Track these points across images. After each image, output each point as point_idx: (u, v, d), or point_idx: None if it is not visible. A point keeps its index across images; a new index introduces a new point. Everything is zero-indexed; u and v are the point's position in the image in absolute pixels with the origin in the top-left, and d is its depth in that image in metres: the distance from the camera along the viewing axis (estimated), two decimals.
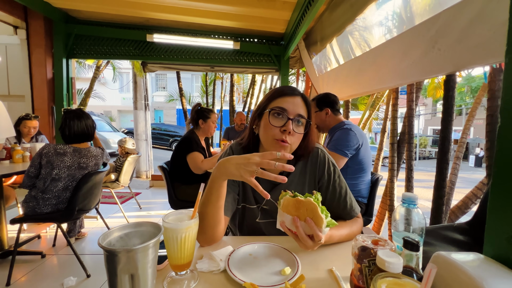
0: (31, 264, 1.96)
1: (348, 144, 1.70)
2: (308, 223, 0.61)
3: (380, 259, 0.44)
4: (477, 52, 1.06)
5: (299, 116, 0.79)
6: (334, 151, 1.70)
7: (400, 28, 1.62)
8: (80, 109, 1.94)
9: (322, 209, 0.62)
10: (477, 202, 1.87)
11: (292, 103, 0.80)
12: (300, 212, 0.63)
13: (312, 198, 0.63)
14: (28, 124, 2.56)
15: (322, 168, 0.89)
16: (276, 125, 0.78)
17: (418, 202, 0.55)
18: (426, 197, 5.56)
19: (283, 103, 0.79)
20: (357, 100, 7.26)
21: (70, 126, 1.82)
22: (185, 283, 0.58)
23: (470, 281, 0.39)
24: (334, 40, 2.57)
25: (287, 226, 0.65)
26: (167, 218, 0.59)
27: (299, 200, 0.63)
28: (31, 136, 2.64)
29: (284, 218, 0.66)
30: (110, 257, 0.44)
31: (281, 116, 0.78)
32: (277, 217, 0.69)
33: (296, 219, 0.62)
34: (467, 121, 2.24)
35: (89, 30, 3.26)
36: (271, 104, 0.82)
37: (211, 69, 4.01)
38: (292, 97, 0.81)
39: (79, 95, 6.11)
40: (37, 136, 2.74)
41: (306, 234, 0.63)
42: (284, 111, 0.78)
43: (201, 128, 2.29)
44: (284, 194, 0.68)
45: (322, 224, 0.61)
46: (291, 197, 0.65)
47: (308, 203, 0.62)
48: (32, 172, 1.77)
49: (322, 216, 0.61)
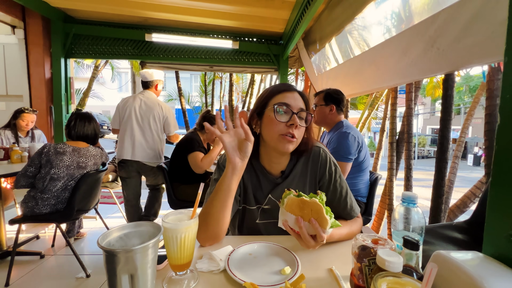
0: (30, 265, 1.96)
1: (349, 150, 1.71)
2: (313, 225, 0.61)
3: (380, 258, 0.44)
4: (476, 51, 1.06)
5: (302, 110, 0.80)
6: (339, 160, 1.70)
7: (399, 27, 1.62)
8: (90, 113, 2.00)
9: (326, 210, 0.62)
10: (476, 201, 1.87)
11: (293, 98, 0.80)
12: (304, 213, 0.62)
13: (317, 199, 0.62)
14: (27, 118, 2.54)
15: (323, 167, 0.89)
16: (282, 120, 0.78)
17: (417, 201, 0.55)
18: (425, 196, 5.57)
19: (284, 99, 0.80)
20: (356, 99, 7.27)
21: (78, 125, 1.88)
22: (185, 283, 0.57)
23: (470, 280, 0.39)
24: (333, 40, 2.57)
25: (290, 226, 0.65)
26: (167, 218, 0.59)
27: (304, 200, 0.62)
28: (27, 130, 2.61)
29: (287, 217, 0.65)
30: (109, 258, 0.44)
31: (285, 112, 0.79)
32: (279, 215, 0.68)
33: (300, 220, 0.62)
34: (465, 120, 2.25)
35: (87, 29, 3.25)
36: (271, 101, 0.82)
37: (210, 69, 4.00)
38: (291, 93, 0.82)
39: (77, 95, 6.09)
40: (33, 131, 2.71)
41: (308, 234, 0.63)
42: (288, 106, 0.79)
43: (207, 133, 2.34)
44: (288, 193, 0.67)
45: (326, 226, 0.60)
46: (296, 197, 0.64)
47: (313, 204, 0.61)
48: (31, 172, 1.76)
49: (327, 218, 0.60)
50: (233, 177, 0.72)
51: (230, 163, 0.71)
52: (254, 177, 0.90)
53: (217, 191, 0.73)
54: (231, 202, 0.74)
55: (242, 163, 0.72)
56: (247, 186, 0.89)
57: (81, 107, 5.74)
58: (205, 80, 6.95)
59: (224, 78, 7.49)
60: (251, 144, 0.72)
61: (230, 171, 0.71)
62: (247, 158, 0.73)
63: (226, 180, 0.72)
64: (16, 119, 2.52)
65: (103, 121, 13.75)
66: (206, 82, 6.96)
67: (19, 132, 2.58)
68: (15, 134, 2.55)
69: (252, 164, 0.90)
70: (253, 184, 0.90)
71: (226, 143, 0.70)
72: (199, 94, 8.28)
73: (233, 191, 0.73)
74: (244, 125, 0.70)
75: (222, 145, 0.71)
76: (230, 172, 0.71)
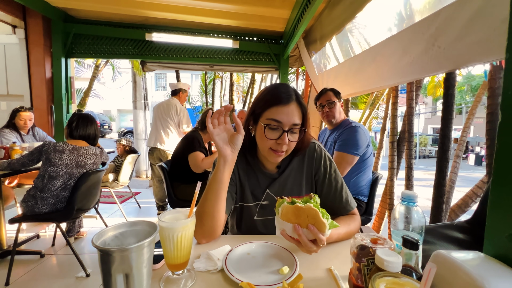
0: (30, 264, 1.96)
1: (359, 144, 1.70)
2: (311, 230, 0.60)
3: (379, 258, 0.43)
4: (477, 49, 1.05)
5: (294, 125, 0.80)
6: (347, 152, 1.69)
7: (399, 26, 1.61)
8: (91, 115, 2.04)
9: (322, 213, 0.60)
10: (477, 201, 1.86)
11: (287, 114, 0.79)
12: (301, 220, 0.61)
13: (312, 203, 0.61)
14: (23, 116, 2.56)
15: (318, 162, 0.90)
16: (271, 137, 0.79)
17: (417, 201, 0.54)
18: (426, 196, 5.55)
19: (277, 115, 0.78)
20: (357, 98, 7.24)
21: (80, 126, 1.91)
22: (182, 283, 0.57)
23: (471, 280, 0.38)
24: (333, 39, 2.56)
25: (289, 234, 0.64)
26: (164, 217, 0.58)
27: (299, 207, 0.60)
28: (27, 128, 2.64)
29: (284, 226, 0.64)
30: (104, 257, 0.44)
31: (276, 128, 0.79)
32: (275, 224, 0.67)
33: (298, 227, 0.61)
34: (467, 119, 2.24)
35: (87, 29, 3.25)
36: (266, 112, 0.81)
37: (210, 68, 4.00)
38: (287, 106, 0.79)
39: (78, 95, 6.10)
40: (33, 129, 2.73)
41: (308, 239, 0.62)
42: (279, 124, 0.78)
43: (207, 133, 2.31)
44: (281, 201, 0.65)
45: (325, 229, 0.59)
46: (289, 204, 0.63)
47: (308, 209, 0.60)
48: (27, 164, 1.84)
49: (324, 221, 0.59)
50: (225, 169, 0.74)
51: (221, 156, 0.74)
52: (250, 174, 0.91)
53: (210, 185, 0.75)
54: (224, 195, 0.76)
55: (232, 155, 0.75)
56: (244, 184, 0.90)
57: (81, 107, 5.75)
58: (206, 79, 6.95)
59: (225, 77, 7.48)
60: (242, 136, 0.75)
61: (222, 163, 0.74)
62: (237, 151, 0.76)
63: (219, 173, 0.74)
64: (14, 119, 2.55)
65: (104, 121, 13.79)
66: (206, 81, 6.95)
67: (21, 131, 2.61)
68: (18, 133, 2.58)
69: (248, 162, 0.91)
70: (250, 182, 0.90)
71: (216, 136, 0.72)
72: (199, 94, 8.27)
73: (225, 183, 0.75)
74: (237, 118, 0.74)
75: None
76: (222, 164, 0.74)
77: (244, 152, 0.90)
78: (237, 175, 0.90)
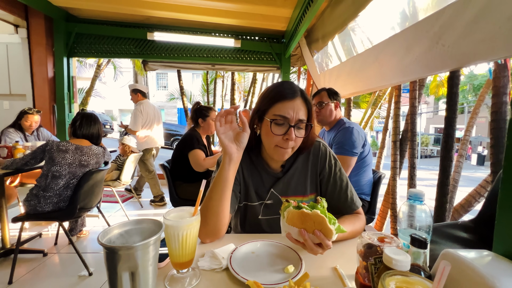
0: (33, 263, 1.96)
1: (355, 144, 1.69)
2: (318, 236, 0.58)
3: (387, 257, 0.42)
4: (482, 47, 1.04)
5: (300, 121, 0.79)
6: (344, 154, 1.68)
7: (403, 24, 1.60)
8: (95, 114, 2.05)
9: (329, 218, 0.59)
10: (481, 200, 1.85)
11: (293, 109, 0.78)
12: (307, 225, 0.60)
13: (319, 209, 0.60)
14: (30, 119, 2.58)
15: (323, 161, 0.89)
16: (278, 133, 0.78)
17: (424, 199, 0.54)
18: (428, 195, 5.52)
19: (283, 110, 0.78)
20: (359, 98, 7.22)
21: (84, 125, 1.92)
22: (186, 281, 0.57)
23: (481, 279, 0.38)
24: (336, 37, 2.55)
25: (294, 238, 0.63)
26: (168, 215, 0.58)
27: (305, 213, 0.59)
28: (32, 130, 2.66)
29: (290, 230, 0.63)
30: (109, 255, 0.43)
31: (282, 124, 0.78)
32: (281, 226, 0.66)
33: (304, 232, 0.60)
34: (470, 118, 2.22)
35: (89, 28, 3.25)
36: (271, 109, 0.80)
37: (212, 68, 3.99)
38: (292, 101, 0.79)
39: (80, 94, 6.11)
40: (37, 130, 2.75)
41: (314, 242, 0.61)
42: (285, 119, 0.78)
43: (202, 126, 2.31)
44: (286, 205, 0.64)
45: (331, 236, 0.58)
46: (295, 209, 0.61)
47: (315, 216, 0.58)
48: (30, 163, 1.84)
49: (331, 228, 0.58)
50: (230, 167, 0.74)
51: (226, 154, 0.73)
52: (255, 173, 0.90)
53: (214, 184, 0.75)
54: (229, 194, 0.76)
55: (238, 154, 0.75)
56: (248, 183, 0.89)
57: (83, 106, 5.76)
58: (207, 79, 6.94)
59: (226, 77, 7.47)
60: (247, 135, 0.75)
61: (227, 161, 0.74)
62: (242, 149, 0.76)
63: (224, 171, 0.74)
64: (20, 120, 2.56)
65: (105, 120, 13.82)
66: (208, 81, 6.95)
67: (26, 132, 2.62)
68: (23, 133, 2.60)
69: (252, 161, 0.90)
70: (254, 181, 0.90)
71: (221, 134, 0.72)
72: (201, 93, 8.28)
73: (230, 182, 0.75)
74: (243, 117, 0.73)
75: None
76: (227, 162, 0.73)
77: (248, 152, 0.90)
78: (241, 174, 0.89)
